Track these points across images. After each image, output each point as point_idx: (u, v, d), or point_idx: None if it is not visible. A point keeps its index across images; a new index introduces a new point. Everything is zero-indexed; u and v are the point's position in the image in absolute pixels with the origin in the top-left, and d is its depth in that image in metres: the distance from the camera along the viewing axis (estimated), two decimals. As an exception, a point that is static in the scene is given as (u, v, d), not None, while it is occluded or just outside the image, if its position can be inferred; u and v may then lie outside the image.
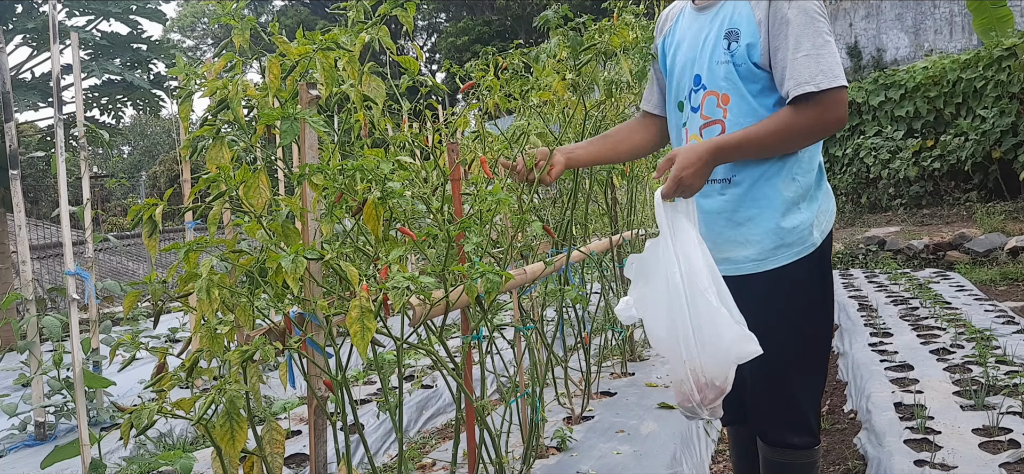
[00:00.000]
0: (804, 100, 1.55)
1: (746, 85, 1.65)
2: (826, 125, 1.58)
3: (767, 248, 1.69)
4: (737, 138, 1.62)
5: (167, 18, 7.80)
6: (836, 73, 1.55)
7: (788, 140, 1.60)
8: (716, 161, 1.62)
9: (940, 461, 2.55)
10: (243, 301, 1.38)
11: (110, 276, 10.53)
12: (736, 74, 1.66)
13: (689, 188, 1.61)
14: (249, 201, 1.39)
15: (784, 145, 1.62)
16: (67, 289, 3.11)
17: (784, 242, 1.69)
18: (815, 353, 1.78)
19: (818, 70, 1.53)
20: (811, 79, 1.53)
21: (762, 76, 1.64)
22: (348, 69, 1.49)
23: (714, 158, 1.61)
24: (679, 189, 1.61)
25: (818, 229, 1.72)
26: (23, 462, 3.53)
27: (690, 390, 1.59)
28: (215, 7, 1.55)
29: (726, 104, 1.69)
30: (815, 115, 1.56)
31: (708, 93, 1.72)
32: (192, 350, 1.44)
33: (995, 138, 8.63)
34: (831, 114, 1.56)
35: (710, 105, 1.72)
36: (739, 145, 1.61)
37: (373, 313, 1.35)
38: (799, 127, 1.57)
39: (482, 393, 2.33)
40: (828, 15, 1.63)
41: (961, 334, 4.26)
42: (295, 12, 25.15)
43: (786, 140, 1.60)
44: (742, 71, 1.65)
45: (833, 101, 1.55)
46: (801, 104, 1.55)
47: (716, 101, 1.71)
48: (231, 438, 1.34)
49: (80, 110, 3.76)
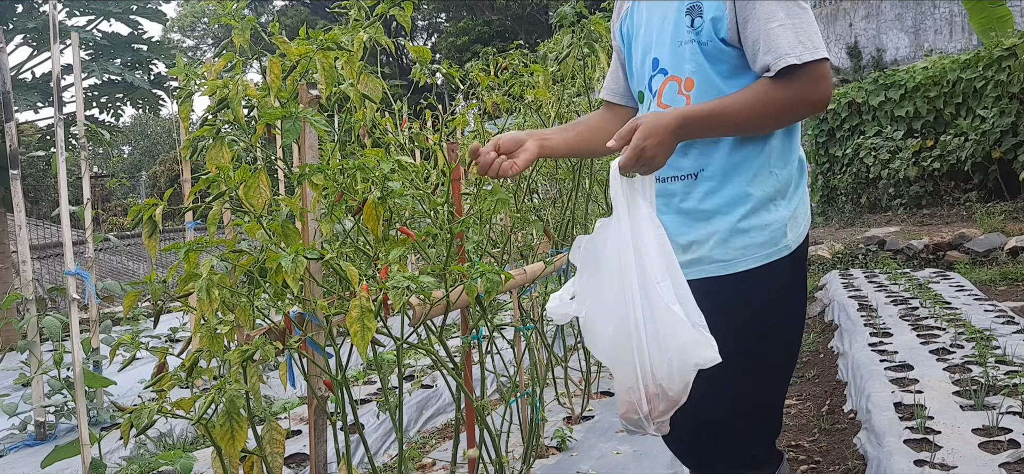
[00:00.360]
0: (785, 74, 1.37)
1: (713, 66, 1.47)
2: (810, 103, 1.40)
3: (736, 247, 1.49)
4: (708, 108, 1.42)
5: (167, 18, 7.81)
6: (817, 44, 1.37)
7: (766, 117, 1.41)
8: (682, 134, 1.42)
9: (940, 461, 2.55)
10: (243, 301, 1.39)
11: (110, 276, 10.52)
12: (701, 54, 1.47)
13: (650, 162, 1.40)
14: (249, 201, 1.39)
15: (761, 122, 1.43)
16: (67, 289, 3.11)
17: (755, 241, 1.49)
18: (774, 373, 1.56)
19: (798, 41, 1.36)
20: (791, 50, 1.35)
21: (730, 54, 1.46)
22: (347, 69, 1.49)
23: (680, 129, 1.40)
24: (639, 162, 1.40)
25: (793, 231, 1.52)
26: (23, 462, 3.53)
27: (638, 399, 1.39)
28: (215, 7, 1.56)
29: (690, 90, 1.49)
30: (797, 91, 1.38)
31: (668, 79, 1.52)
32: (192, 350, 1.45)
33: (995, 138, 8.62)
34: (815, 91, 1.38)
35: (671, 92, 1.53)
36: (710, 117, 1.41)
37: (373, 313, 1.35)
38: (779, 103, 1.39)
39: (482, 393, 2.33)
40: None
41: (961, 334, 4.26)
42: (295, 12, 25.14)
43: (764, 117, 1.41)
44: (708, 50, 1.46)
45: (817, 76, 1.37)
46: (781, 79, 1.38)
47: (677, 87, 1.51)
48: (231, 438, 1.35)
49: (81, 110, 3.77)
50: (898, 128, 9.97)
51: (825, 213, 10.93)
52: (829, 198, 10.99)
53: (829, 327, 5.32)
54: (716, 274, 1.50)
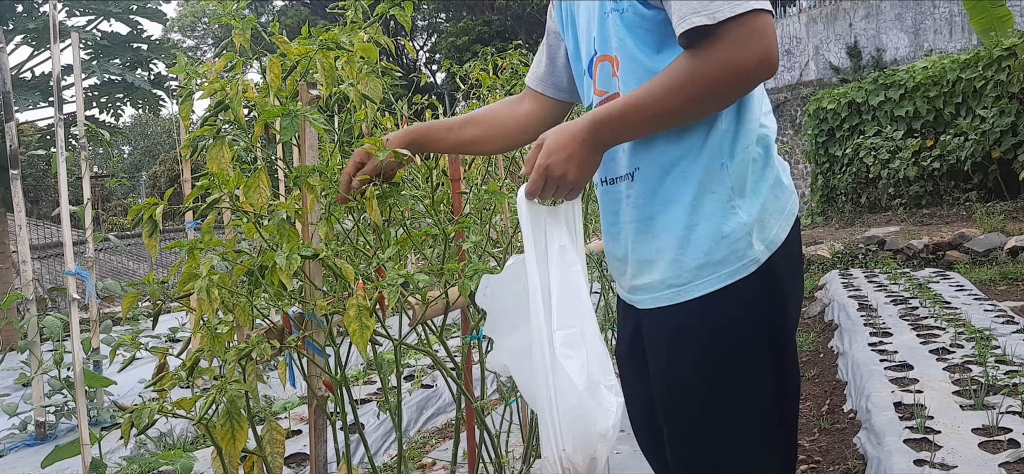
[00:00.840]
0: (701, 41, 1.07)
1: (636, 40, 1.19)
2: (739, 71, 1.07)
3: (687, 267, 1.19)
4: (619, 106, 1.15)
5: (167, 18, 7.82)
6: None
7: (691, 101, 1.11)
8: (598, 142, 1.16)
9: (940, 461, 2.55)
10: (243, 301, 1.39)
11: (111, 276, 10.53)
12: (623, 25, 1.20)
13: (563, 182, 1.17)
14: (249, 201, 1.39)
15: (688, 109, 1.12)
16: (67, 289, 3.11)
17: (709, 258, 1.18)
18: (748, 430, 1.21)
19: (709, 1, 1.05)
20: (702, 8, 1.05)
21: (656, 21, 1.17)
22: (347, 68, 1.49)
23: (593, 137, 1.16)
24: (548, 184, 1.17)
25: (762, 237, 1.19)
26: (23, 462, 3.54)
27: (555, 472, 1.15)
28: (215, 7, 1.56)
29: (618, 68, 1.23)
30: (719, 59, 1.06)
31: (600, 58, 1.28)
32: (192, 350, 1.45)
33: (995, 138, 8.63)
34: (742, 52, 1.05)
35: (604, 74, 1.27)
36: (623, 114, 1.14)
37: (371, 311, 1.35)
38: (700, 80, 1.08)
39: (482, 393, 2.33)
40: None
41: (961, 334, 4.26)
42: (295, 12, 25.15)
43: (688, 101, 1.11)
44: (628, 19, 1.19)
45: (744, 34, 1.05)
46: (698, 49, 1.08)
47: (611, 68, 1.26)
48: (232, 438, 1.35)
49: (81, 110, 3.77)
50: (898, 128, 9.98)
51: (825, 213, 10.94)
52: (829, 198, 11.00)
53: (829, 327, 5.32)
54: (668, 304, 1.22)
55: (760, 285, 1.19)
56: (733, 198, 1.19)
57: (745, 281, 1.19)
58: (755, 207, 1.20)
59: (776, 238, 1.22)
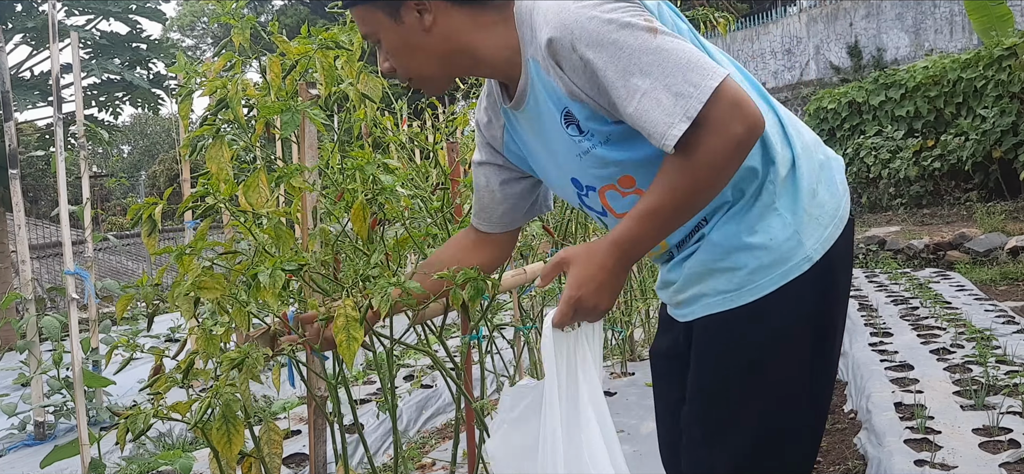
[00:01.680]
0: (688, 141, 1.08)
1: (634, 148, 1.18)
2: (736, 143, 1.08)
3: (740, 273, 1.20)
4: (636, 219, 1.14)
5: (167, 17, 7.80)
6: (697, 79, 1.06)
7: (701, 186, 1.12)
8: (623, 261, 1.16)
9: (940, 461, 2.54)
10: (238, 304, 1.38)
11: (110, 275, 10.52)
12: (615, 150, 1.20)
13: (595, 312, 1.17)
14: (249, 201, 1.38)
15: (701, 194, 1.13)
16: (66, 289, 3.11)
17: (761, 262, 1.19)
18: (781, 430, 1.24)
19: (674, 102, 1.06)
20: (671, 121, 1.06)
21: (628, 126, 1.17)
22: (347, 68, 1.48)
23: (620, 263, 1.16)
24: (577, 315, 1.17)
25: (813, 233, 1.20)
26: (22, 462, 3.53)
27: None
28: (215, 6, 1.55)
29: (631, 186, 1.23)
30: (711, 146, 1.08)
31: (603, 189, 1.27)
32: (188, 351, 1.44)
33: (995, 138, 8.62)
34: (732, 127, 1.07)
35: (616, 199, 1.26)
36: (642, 227, 1.14)
37: (359, 321, 1.32)
38: (704, 166, 1.09)
39: (482, 393, 2.32)
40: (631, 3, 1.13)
41: (961, 334, 4.25)
42: (294, 11, 25.13)
43: (699, 187, 1.11)
44: (614, 141, 1.19)
45: (719, 115, 1.06)
46: (687, 148, 1.08)
47: (618, 192, 1.25)
48: (228, 442, 1.34)
49: (80, 109, 3.76)
50: (898, 128, 9.97)
51: (825, 213, 10.91)
52: (829, 198, 10.97)
53: (829, 327, 5.31)
54: (722, 309, 1.23)
55: (815, 284, 1.20)
56: (774, 201, 1.20)
57: (800, 280, 1.19)
58: (799, 205, 1.21)
59: (829, 237, 1.22)
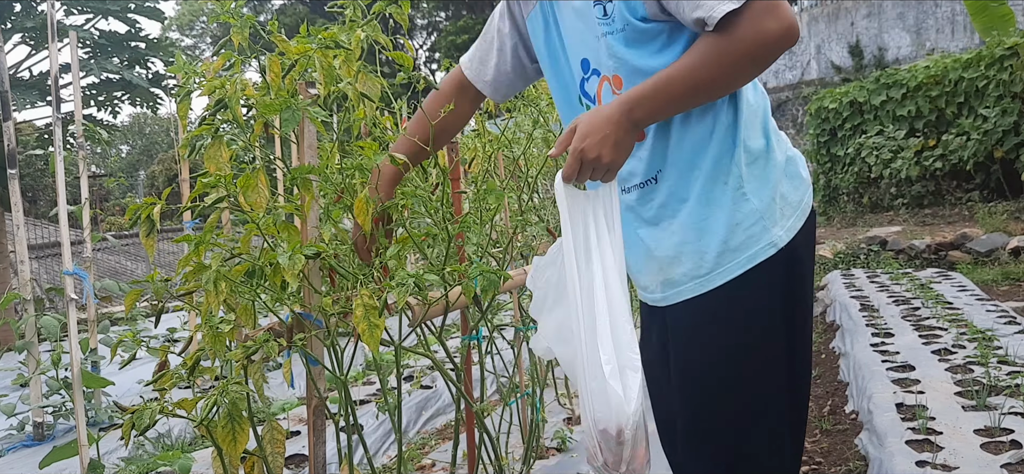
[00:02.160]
0: (729, 21, 1.12)
1: (637, 52, 1.24)
2: (767, 40, 1.11)
3: (708, 257, 1.25)
4: (652, 83, 1.17)
5: (165, 16, 7.79)
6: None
7: (722, 72, 1.15)
8: (633, 121, 1.18)
9: (941, 462, 2.53)
10: (244, 300, 1.38)
11: (108, 275, 10.52)
12: (621, 44, 1.25)
13: (599, 164, 1.19)
14: (247, 201, 1.37)
15: (719, 80, 1.16)
16: (65, 289, 3.10)
17: (727, 245, 1.24)
18: (760, 417, 1.28)
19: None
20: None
21: (655, 31, 1.23)
22: (346, 68, 1.47)
23: (626, 117, 1.18)
24: (584, 167, 1.20)
25: (779, 222, 1.26)
26: (21, 462, 3.52)
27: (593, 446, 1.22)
28: (214, 5, 1.54)
29: (619, 88, 1.28)
30: (747, 31, 1.11)
31: (602, 79, 1.32)
32: (193, 349, 1.44)
33: (997, 138, 8.61)
34: (770, 23, 1.10)
35: (607, 94, 1.32)
36: (656, 91, 1.17)
37: (378, 310, 1.35)
38: (732, 52, 1.13)
39: (482, 394, 2.31)
40: None
41: (963, 334, 4.24)
42: (294, 10, 25.14)
43: (720, 72, 1.15)
44: (627, 36, 1.24)
45: (767, 6, 1.10)
46: (725, 29, 1.12)
47: (611, 88, 1.30)
48: (233, 439, 1.34)
49: (78, 109, 3.75)
50: (900, 127, 9.96)
51: (827, 213, 10.92)
52: (831, 198, 10.98)
53: (831, 327, 5.30)
54: (693, 295, 1.28)
55: (781, 269, 1.25)
56: (742, 186, 1.24)
57: (766, 264, 1.24)
58: (766, 193, 1.25)
59: (793, 225, 1.27)
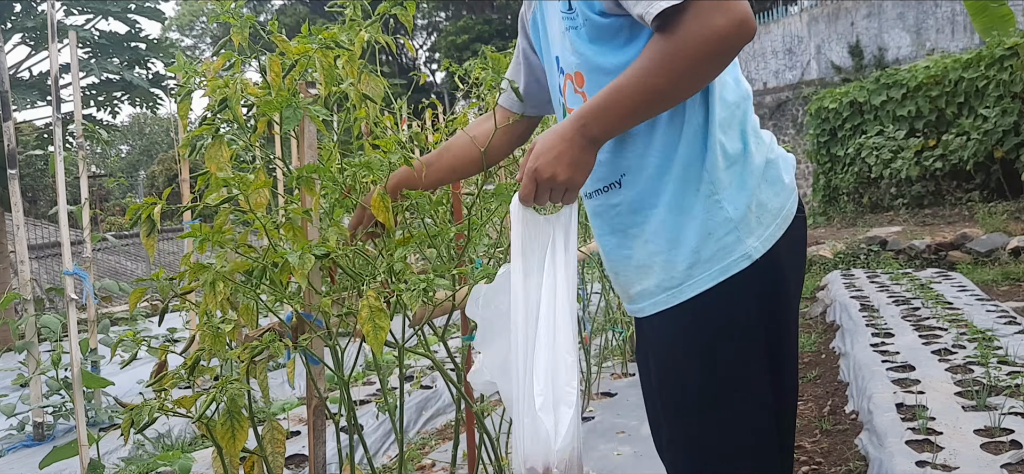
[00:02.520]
0: (674, 20, 1.03)
1: (598, 49, 1.18)
2: (717, 36, 1.02)
3: (679, 268, 1.18)
4: (602, 95, 1.10)
5: (165, 17, 7.79)
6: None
7: (673, 75, 1.06)
8: (587, 137, 1.11)
9: (942, 462, 2.53)
10: (246, 300, 1.38)
11: (108, 276, 10.52)
12: (582, 40, 1.20)
13: (554, 183, 1.12)
14: (248, 201, 1.37)
15: (673, 84, 1.07)
16: (65, 289, 3.10)
17: (699, 256, 1.17)
18: (741, 431, 1.20)
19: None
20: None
21: (616, 27, 1.16)
22: (347, 68, 1.47)
23: (581, 133, 1.11)
24: (540, 187, 1.13)
25: (755, 232, 1.17)
26: (21, 463, 3.53)
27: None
28: (214, 5, 1.54)
29: (582, 86, 1.24)
30: (694, 29, 1.02)
31: (566, 77, 1.27)
32: (194, 349, 1.44)
33: (997, 138, 8.61)
34: (718, 18, 1.01)
35: (570, 93, 1.27)
36: (607, 103, 1.09)
37: (384, 311, 1.34)
38: (680, 53, 1.04)
39: (482, 395, 2.31)
40: None
41: (963, 334, 4.24)
42: (294, 10, 25.15)
43: (671, 76, 1.06)
44: (588, 32, 1.18)
45: (712, 4, 1.01)
46: (669, 28, 1.04)
47: (573, 86, 1.26)
48: (232, 437, 1.34)
49: (78, 109, 3.75)
50: (900, 127, 9.96)
51: (827, 213, 10.93)
52: (831, 198, 10.98)
53: (831, 328, 5.31)
54: (665, 307, 1.21)
55: (756, 282, 1.17)
56: (715, 192, 1.16)
57: (740, 277, 1.16)
58: (741, 201, 1.17)
59: (772, 235, 1.18)
